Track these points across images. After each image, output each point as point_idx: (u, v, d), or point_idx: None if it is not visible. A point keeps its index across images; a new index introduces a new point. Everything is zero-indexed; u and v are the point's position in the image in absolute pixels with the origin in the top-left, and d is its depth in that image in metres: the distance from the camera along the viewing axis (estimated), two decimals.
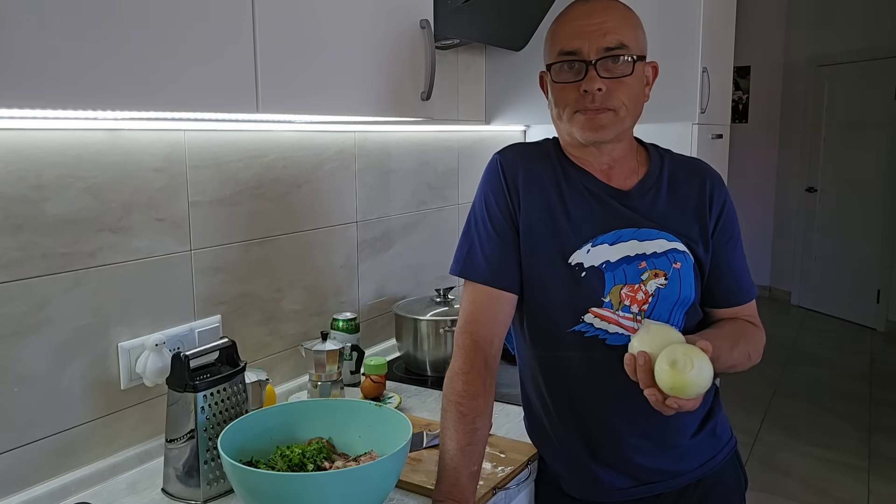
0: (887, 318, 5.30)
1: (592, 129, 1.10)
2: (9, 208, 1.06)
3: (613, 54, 1.08)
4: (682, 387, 0.93)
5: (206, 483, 1.14)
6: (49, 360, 1.13)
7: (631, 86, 1.10)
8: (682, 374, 0.93)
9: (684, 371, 0.93)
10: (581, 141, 1.14)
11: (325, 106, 1.18)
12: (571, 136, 1.15)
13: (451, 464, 1.05)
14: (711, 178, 1.20)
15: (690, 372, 0.93)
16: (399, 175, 1.93)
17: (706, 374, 0.94)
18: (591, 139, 1.12)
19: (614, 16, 1.10)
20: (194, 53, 0.95)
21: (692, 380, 0.93)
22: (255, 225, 1.49)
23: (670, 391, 0.94)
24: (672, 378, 0.94)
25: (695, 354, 0.95)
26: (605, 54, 1.08)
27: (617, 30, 1.09)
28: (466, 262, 1.16)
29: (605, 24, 1.09)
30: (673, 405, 0.95)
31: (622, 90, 1.09)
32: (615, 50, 1.08)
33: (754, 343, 1.19)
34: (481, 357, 1.11)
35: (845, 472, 3.24)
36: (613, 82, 1.08)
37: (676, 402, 0.95)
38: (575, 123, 1.12)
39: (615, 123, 1.11)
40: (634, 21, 1.13)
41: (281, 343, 1.59)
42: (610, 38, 1.08)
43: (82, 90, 0.82)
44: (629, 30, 1.10)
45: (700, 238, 1.15)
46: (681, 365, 0.93)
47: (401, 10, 1.32)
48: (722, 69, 2.63)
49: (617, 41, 1.08)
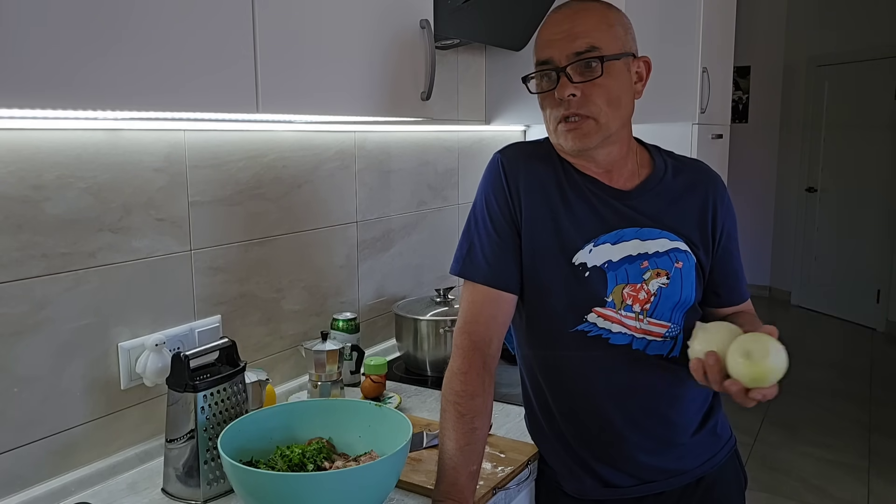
0: (887, 318, 5.30)
1: (575, 139, 1.10)
2: (9, 208, 1.06)
3: (583, 58, 1.07)
4: (764, 375, 0.91)
5: (206, 483, 1.14)
6: (49, 360, 1.13)
7: (607, 87, 1.08)
8: (761, 363, 0.91)
9: (762, 360, 0.91)
10: (568, 151, 1.14)
11: (325, 106, 1.18)
12: (560, 146, 1.15)
13: (450, 463, 1.05)
14: (713, 180, 1.20)
15: (768, 359, 0.91)
16: (399, 175, 1.94)
17: (783, 357, 0.92)
18: (575, 148, 1.12)
19: (585, 19, 1.09)
20: (194, 53, 0.95)
21: (771, 366, 0.91)
22: (254, 225, 1.49)
23: (752, 383, 0.92)
24: (751, 369, 0.91)
25: (766, 341, 0.93)
26: (575, 59, 1.07)
27: (587, 33, 1.07)
28: (466, 261, 1.16)
29: (574, 28, 1.08)
30: (756, 396, 0.93)
31: (597, 93, 1.08)
32: (584, 54, 1.07)
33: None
34: (480, 357, 1.11)
35: (845, 472, 3.24)
36: (587, 86, 1.07)
37: (760, 392, 0.93)
38: (559, 135, 1.12)
39: (597, 130, 1.10)
40: (611, 20, 1.10)
41: (281, 343, 1.59)
42: (579, 42, 1.07)
43: (82, 90, 0.82)
44: (603, 31, 1.08)
45: (700, 240, 1.15)
46: (756, 355, 0.92)
47: (401, 10, 1.32)
48: (722, 69, 2.63)
49: (586, 44, 1.07)
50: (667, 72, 2.25)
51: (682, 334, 1.15)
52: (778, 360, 0.92)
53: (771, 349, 0.92)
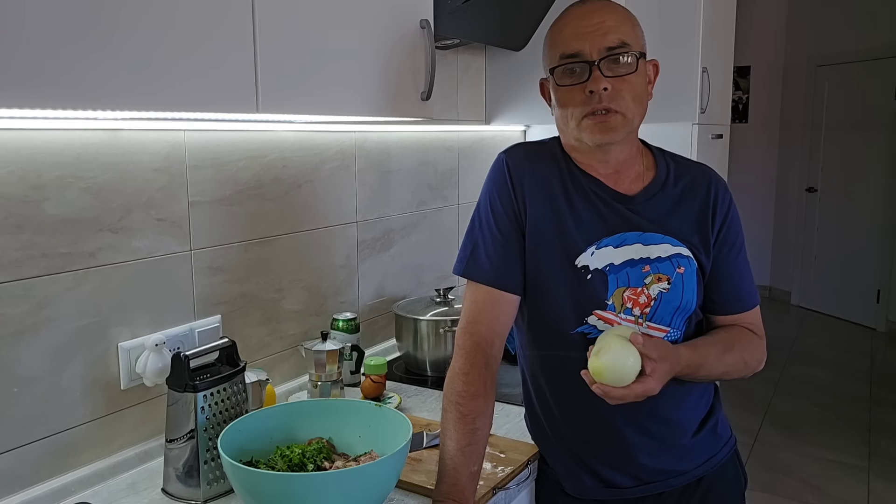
0: (887, 318, 5.30)
1: (602, 132, 1.09)
2: (9, 208, 1.06)
3: (616, 53, 1.08)
4: (600, 371, 0.99)
5: (206, 483, 1.14)
6: (49, 360, 1.13)
7: (635, 84, 1.10)
8: (601, 359, 0.98)
9: (602, 357, 0.98)
10: (590, 144, 1.13)
11: (325, 106, 1.18)
12: (580, 140, 1.14)
13: (451, 464, 1.05)
14: (717, 185, 1.19)
15: (606, 357, 0.98)
16: (399, 175, 1.94)
17: (623, 361, 0.98)
18: (600, 141, 1.11)
19: (612, 15, 1.10)
20: (194, 53, 0.95)
21: (607, 364, 0.98)
22: (255, 225, 1.49)
23: (594, 376, 1.00)
24: (593, 363, 1.00)
25: (618, 343, 0.99)
26: (608, 54, 1.08)
27: (617, 28, 1.08)
28: (470, 262, 1.16)
29: (605, 23, 1.08)
30: (597, 390, 1.00)
31: (626, 89, 1.09)
32: (617, 49, 1.08)
33: (752, 350, 1.18)
34: (482, 357, 1.11)
35: (845, 472, 3.24)
36: (618, 81, 1.08)
37: (601, 387, 0.99)
38: (584, 128, 1.11)
39: (624, 125, 1.10)
40: (632, 19, 1.13)
41: (281, 343, 1.59)
42: (611, 37, 1.08)
43: (82, 90, 0.82)
44: (628, 28, 1.10)
45: (701, 245, 1.15)
46: (601, 352, 0.99)
47: (401, 10, 1.32)
48: (722, 69, 2.63)
49: (618, 40, 1.08)
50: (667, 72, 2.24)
51: (682, 339, 1.15)
52: (616, 361, 0.98)
53: (613, 351, 0.98)
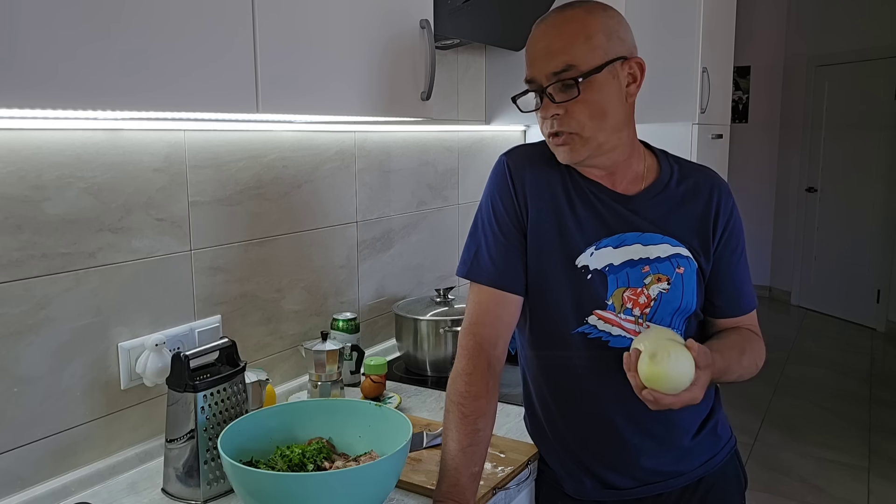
0: (887, 318, 5.30)
1: (565, 154, 1.12)
2: (9, 208, 1.06)
3: (560, 79, 1.06)
4: (656, 378, 0.95)
5: (206, 483, 1.14)
6: (49, 360, 1.13)
7: (589, 103, 1.07)
8: (658, 365, 0.95)
9: (660, 363, 0.95)
10: (562, 163, 1.15)
11: (325, 106, 1.18)
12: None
13: (452, 464, 1.05)
14: (720, 189, 1.19)
15: (665, 363, 0.95)
16: (399, 175, 1.93)
17: (682, 368, 0.96)
18: (566, 161, 1.13)
19: (562, 33, 1.07)
20: (194, 53, 0.95)
21: (665, 371, 0.95)
22: (255, 225, 1.49)
23: (646, 382, 0.97)
24: (648, 368, 0.96)
25: (674, 348, 0.96)
26: (554, 80, 1.07)
27: (564, 50, 1.06)
28: (473, 263, 1.16)
29: (552, 46, 1.07)
30: (647, 397, 0.97)
31: (579, 110, 1.07)
32: (561, 73, 1.06)
33: (759, 352, 1.20)
34: (485, 358, 1.11)
35: (845, 472, 3.24)
36: (570, 104, 1.07)
37: (651, 394, 0.97)
38: (552, 148, 1.14)
39: (584, 144, 1.09)
40: (591, 30, 1.06)
41: (281, 343, 1.59)
42: (555, 62, 1.06)
43: (82, 90, 0.82)
44: (580, 45, 1.05)
45: (701, 248, 1.15)
46: (658, 357, 0.96)
47: (401, 10, 1.32)
48: (722, 69, 2.63)
49: (562, 63, 1.05)
50: (667, 72, 2.25)
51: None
52: (674, 368, 0.95)
53: (673, 355, 0.96)
